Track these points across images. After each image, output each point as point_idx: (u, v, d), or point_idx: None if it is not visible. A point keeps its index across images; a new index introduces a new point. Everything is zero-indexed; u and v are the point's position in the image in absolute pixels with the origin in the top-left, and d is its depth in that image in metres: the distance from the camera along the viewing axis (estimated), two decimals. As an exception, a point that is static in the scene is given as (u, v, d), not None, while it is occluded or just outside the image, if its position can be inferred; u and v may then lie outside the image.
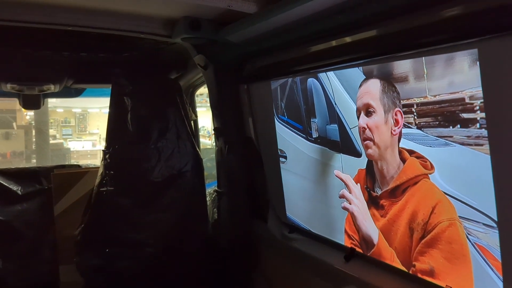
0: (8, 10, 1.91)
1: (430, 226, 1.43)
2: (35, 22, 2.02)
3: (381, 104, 1.53)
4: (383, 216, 1.65)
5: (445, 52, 1.24)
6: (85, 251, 2.43)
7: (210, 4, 1.79)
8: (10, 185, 2.96)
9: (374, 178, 1.65)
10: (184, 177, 2.48)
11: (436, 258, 1.43)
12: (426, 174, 1.41)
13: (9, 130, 11.07)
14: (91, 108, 15.07)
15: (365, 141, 1.63)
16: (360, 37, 1.52)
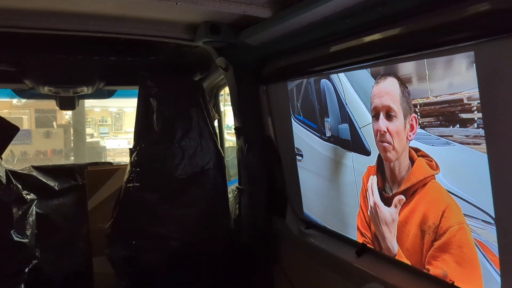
0: (45, 20, 2.08)
1: (442, 230, 1.46)
2: (69, 30, 2.19)
3: (401, 108, 1.54)
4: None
5: (444, 55, 1.29)
6: (115, 243, 2.56)
7: (227, 10, 1.90)
8: (48, 181, 3.18)
9: (384, 179, 1.70)
10: (207, 175, 2.59)
11: (448, 262, 1.45)
12: (433, 175, 1.46)
13: (49, 129, 11.61)
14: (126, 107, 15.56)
15: (384, 144, 1.65)
16: (367, 40, 1.58)
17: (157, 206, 2.50)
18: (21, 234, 2.29)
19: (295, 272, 2.39)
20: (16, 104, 10.65)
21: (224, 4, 1.84)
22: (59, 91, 3.07)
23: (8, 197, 2.25)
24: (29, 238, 2.34)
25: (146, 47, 2.76)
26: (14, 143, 2.47)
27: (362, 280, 1.82)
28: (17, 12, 2.00)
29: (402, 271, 1.67)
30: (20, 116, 10.77)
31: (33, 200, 2.46)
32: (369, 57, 1.60)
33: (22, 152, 10.24)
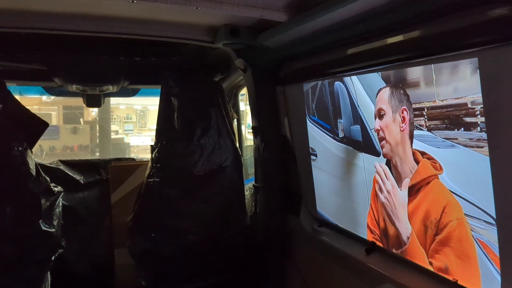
0: (74, 22, 2.22)
1: (442, 225, 1.52)
2: (97, 32, 2.32)
3: (389, 106, 1.64)
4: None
5: (449, 61, 1.34)
6: (136, 236, 2.67)
7: (244, 14, 1.98)
8: (74, 174, 3.34)
9: (392, 178, 1.76)
10: (224, 172, 2.68)
11: (448, 255, 1.51)
12: (436, 174, 1.51)
13: (76, 125, 11.97)
14: (150, 105, 15.84)
15: (381, 142, 1.74)
16: (377, 45, 1.63)
17: (176, 201, 2.60)
18: (48, 224, 2.42)
19: (308, 269, 2.45)
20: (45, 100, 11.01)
21: (242, 9, 1.93)
22: (86, 89, 3.23)
23: (37, 188, 2.38)
24: (55, 228, 2.47)
25: (169, 48, 2.87)
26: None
27: (371, 277, 1.87)
28: (49, 15, 2.13)
29: (409, 269, 1.72)
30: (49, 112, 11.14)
31: (60, 192, 2.59)
32: (380, 61, 1.65)
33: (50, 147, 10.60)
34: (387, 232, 1.85)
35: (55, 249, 2.47)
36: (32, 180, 2.35)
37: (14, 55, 2.82)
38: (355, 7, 1.55)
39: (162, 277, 2.68)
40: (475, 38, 1.23)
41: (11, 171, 2.28)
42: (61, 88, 3.33)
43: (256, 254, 2.72)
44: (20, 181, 2.30)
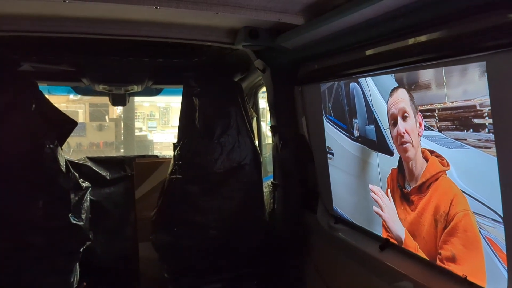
0: (102, 26, 2.34)
1: (450, 217, 1.58)
2: (123, 35, 2.44)
3: (411, 109, 1.68)
4: (413, 210, 1.80)
5: (459, 64, 1.38)
6: (159, 230, 2.78)
7: (263, 18, 2.06)
8: (100, 171, 3.49)
9: (404, 176, 1.81)
10: (243, 169, 2.76)
11: (456, 245, 1.57)
12: (443, 170, 1.56)
13: (102, 123, 12.28)
14: (173, 102, 16.05)
15: (404, 145, 1.77)
16: (390, 48, 1.68)
17: (197, 197, 2.70)
18: (77, 217, 2.56)
19: (324, 264, 2.51)
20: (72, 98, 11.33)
21: (261, 13, 2.01)
22: (112, 89, 3.37)
23: (67, 184, 2.52)
24: (84, 221, 2.60)
25: (191, 50, 2.97)
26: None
27: (385, 273, 1.93)
28: (78, 20, 2.26)
29: (420, 265, 1.77)
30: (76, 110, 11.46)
31: (88, 187, 2.73)
32: (392, 64, 1.70)
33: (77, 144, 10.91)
34: (396, 236, 1.91)
35: (84, 241, 2.61)
36: (62, 176, 2.49)
37: (45, 58, 2.98)
38: (368, 12, 1.61)
39: (184, 270, 2.79)
40: (483, 43, 1.27)
41: (43, 168, 2.42)
42: (88, 87, 3.48)
43: (274, 249, 2.79)
44: (51, 176, 2.44)
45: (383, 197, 2.00)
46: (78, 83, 3.40)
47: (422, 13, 1.44)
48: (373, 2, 1.51)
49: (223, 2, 1.92)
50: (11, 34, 2.28)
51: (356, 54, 1.94)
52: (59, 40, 2.63)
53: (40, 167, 2.42)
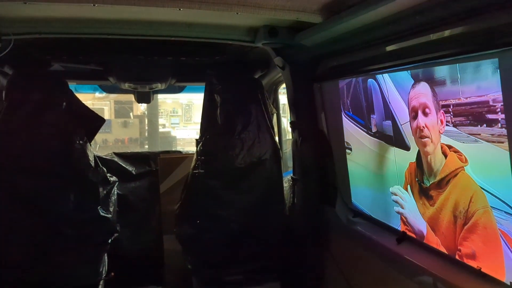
0: (127, 27, 2.45)
1: (470, 214, 1.60)
2: (147, 35, 2.54)
3: (433, 106, 1.70)
4: (432, 206, 1.83)
5: (472, 60, 1.41)
6: (182, 223, 2.87)
7: (282, 17, 2.12)
8: (126, 166, 3.62)
9: (422, 171, 1.84)
10: (264, 164, 2.83)
11: (476, 242, 1.59)
12: (462, 166, 1.59)
13: (127, 119, 12.56)
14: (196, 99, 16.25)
15: (423, 139, 1.80)
16: (406, 45, 1.72)
17: (219, 191, 2.78)
18: (105, 210, 2.68)
19: (343, 257, 2.57)
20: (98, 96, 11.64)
21: (279, 12, 2.07)
22: (137, 87, 3.49)
23: (96, 178, 2.63)
24: (112, 214, 2.72)
25: (212, 48, 3.05)
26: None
27: (402, 266, 1.97)
28: (105, 21, 2.37)
29: (437, 258, 1.80)
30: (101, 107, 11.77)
31: (115, 182, 2.85)
32: (409, 61, 1.73)
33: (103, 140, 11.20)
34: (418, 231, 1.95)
35: (111, 233, 2.72)
36: (91, 171, 2.61)
37: (75, 58, 3.12)
38: (384, 10, 1.65)
39: (207, 261, 2.88)
40: (497, 40, 1.30)
41: (73, 163, 2.54)
42: (114, 85, 3.62)
43: (294, 243, 2.86)
44: (81, 171, 2.57)
45: (402, 195, 2.03)
46: (104, 81, 3.53)
47: (437, 10, 1.48)
48: (389, 1, 1.55)
49: (243, 3, 1.99)
50: (43, 36, 2.41)
51: (374, 51, 1.98)
52: (88, 41, 2.75)
53: (70, 162, 2.54)
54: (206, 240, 2.83)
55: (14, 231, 2.44)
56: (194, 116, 16.64)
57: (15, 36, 2.21)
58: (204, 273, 2.89)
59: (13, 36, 2.18)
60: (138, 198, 3.57)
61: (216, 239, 2.82)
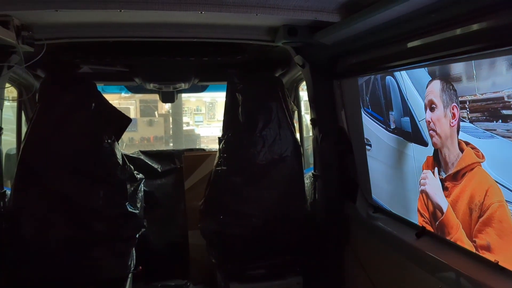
0: (152, 30, 2.54)
1: (485, 207, 1.63)
2: (170, 37, 2.63)
3: (441, 101, 1.74)
4: (447, 197, 1.85)
5: (488, 57, 1.43)
6: (206, 218, 2.96)
7: (300, 17, 2.17)
8: (152, 163, 3.74)
9: (439, 164, 1.87)
10: (285, 161, 2.88)
11: (491, 235, 1.62)
12: (479, 162, 1.61)
13: (152, 118, 12.79)
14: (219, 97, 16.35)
15: (430, 131, 1.86)
16: (423, 42, 1.75)
17: (241, 187, 2.85)
18: (133, 206, 2.79)
19: (364, 252, 2.60)
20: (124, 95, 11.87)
21: (298, 12, 2.12)
22: (162, 87, 3.61)
23: (124, 175, 2.75)
24: (139, 209, 2.83)
25: (234, 48, 3.12)
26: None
27: (421, 260, 2.00)
28: (131, 25, 2.47)
29: (455, 252, 1.82)
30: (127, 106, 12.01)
31: (142, 179, 2.96)
32: (427, 57, 1.76)
33: (130, 138, 11.44)
34: (436, 217, 1.96)
35: (139, 228, 2.83)
36: (120, 168, 2.73)
37: (102, 60, 3.25)
38: (401, 8, 1.67)
39: (230, 256, 2.96)
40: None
41: (103, 161, 2.66)
42: (139, 86, 3.74)
43: (316, 238, 2.90)
44: (110, 169, 2.68)
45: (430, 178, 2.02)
46: (130, 82, 3.66)
47: (451, 9, 1.50)
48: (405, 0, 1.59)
49: (262, 4, 2.05)
50: (73, 41, 2.53)
51: (392, 48, 2.00)
52: (114, 44, 2.87)
53: (99, 161, 2.66)
54: (230, 235, 2.90)
55: (48, 226, 2.57)
56: (217, 114, 16.73)
57: (47, 41, 2.32)
58: (228, 267, 2.97)
59: (45, 41, 2.29)
60: (164, 194, 3.69)
61: (239, 234, 2.89)
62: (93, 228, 2.65)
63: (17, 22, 2.11)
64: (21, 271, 2.55)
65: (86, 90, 2.70)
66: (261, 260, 2.94)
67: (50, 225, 2.57)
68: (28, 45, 2.23)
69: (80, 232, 2.62)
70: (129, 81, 3.62)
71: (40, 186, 2.56)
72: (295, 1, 2.05)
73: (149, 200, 3.25)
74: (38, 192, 2.56)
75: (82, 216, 2.63)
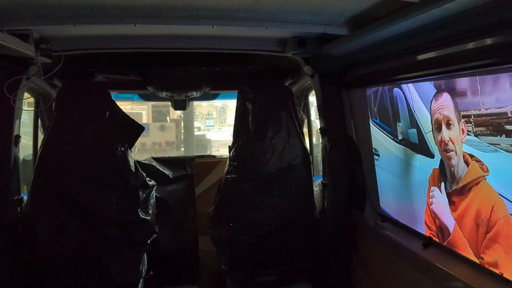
0: (165, 41, 2.62)
1: (492, 223, 1.64)
2: (183, 48, 2.70)
3: (455, 117, 1.75)
4: (454, 211, 1.88)
5: (492, 73, 1.47)
6: (217, 225, 3.00)
7: (309, 30, 2.22)
8: (164, 170, 3.81)
9: (445, 178, 1.89)
10: (294, 169, 2.92)
11: (498, 251, 1.63)
12: (484, 175, 1.63)
13: (164, 123, 12.93)
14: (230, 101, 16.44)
15: (449, 153, 1.86)
16: (429, 56, 1.79)
17: (251, 195, 2.89)
18: (145, 212, 2.85)
19: (371, 260, 2.63)
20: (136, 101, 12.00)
21: (307, 26, 2.17)
22: (174, 95, 3.69)
23: (136, 182, 2.81)
24: (151, 216, 2.88)
25: (244, 58, 3.18)
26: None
27: (428, 270, 2.02)
28: (145, 37, 2.55)
29: (462, 263, 1.85)
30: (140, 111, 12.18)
31: (154, 185, 3.02)
32: (431, 72, 1.80)
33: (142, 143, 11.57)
34: (443, 237, 1.99)
35: (151, 234, 2.88)
36: (132, 175, 2.79)
37: (116, 69, 3.33)
38: (407, 24, 1.72)
39: (240, 262, 3.00)
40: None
41: (116, 168, 2.73)
42: (152, 94, 3.82)
43: (324, 246, 2.93)
44: (123, 176, 2.75)
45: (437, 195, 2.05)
46: (144, 91, 3.74)
47: (456, 26, 1.54)
48: (411, 16, 1.63)
49: (272, 18, 2.10)
50: (89, 52, 2.62)
51: (400, 61, 2.04)
52: (128, 54, 2.95)
53: (113, 168, 2.73)
54: (240, 242, 2.94)
55: (62, 230, 2.64)
56: (228, 118, 16.82)
57: (64, 52, 2.40)
58: (237, 274, 3.01)
59: (62, 53, 2.38)
60: (175, 200, 3.75)
61: (249, 241, 2.92)
62: (106, 234, 2.71)
63: (36, 36, 2.19)
64: (36, 274, 2.62)
65: (101, 99, 2.77)
66: (270, 267, 2.98)
67: (65, 230, 2.64)
68: (46, 57, 2.32)
69: (93, 237, 2.69)
70: (142, 89, 3.71)
71: (56, 192, 2.63)
72: (304, 15, 2.10)
73: (160, 206, 3.30)
74: (54, 198, 2.63)
75: (96, 221, 2.69)
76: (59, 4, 1.91)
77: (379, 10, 1.87)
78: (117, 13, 2.01)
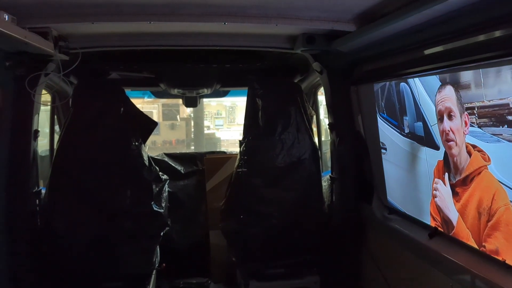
0: (176, 39, 2.70)
1: (493, 211, 1.69)
2: (194, 45, 2.78)
3: (458, 109, 1.81)
4: (458, 202, 1.93)
5: (497, 66, 1.52)
6: (227, 218, 3.08)
7: (318, 27, 2.28)
8: (176, 165, 3.90)
9: (449, 169, 1.94)
10: (303, 164, 2.98)
11: (499, 238, 1.68)
12: (485, 165, 1.69)
13: (174, 122, 13.04)
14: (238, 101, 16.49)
15: (449, 142, 1.92)
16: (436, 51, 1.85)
17: (261, 189, 2.96)
18: (158, 205, 2.92)
19: (379, 252, 2.68)
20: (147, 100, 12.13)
21: (315, 22, 2.24)
22: (185, 92, 3.77)
23: (150, 176, 2.89)
24: (164, 209, 2.96)
25: (254, 55, 3.25)
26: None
27: (433, 260, 2.07)
28: (158, 35, 2.63)
29: (466, 252, 1.90)
30: (150, 110, 12.28)
31: (166, 180, 3.10)
32: (437, 66, 1.85)
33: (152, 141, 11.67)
34: (448, 228, 2.04)
35: (163, 226, 2.96)
36: (146, 170, 2.87)
37: (130, 67, 3.42)
38: (413, 20, 1.78)
39: (250, 255, 3.07)
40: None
41: (130, 162, 2.81)
42: (164, 91, 3.90)
43: (332, 238, 2.99)
44: (137, 170, 2.83)
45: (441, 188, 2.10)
46: (156, 88, 3.83)
47: (459, 21, 1.60)
48: (417, 12, 1.68)
49: (282, 15, 2.17)
50: (104, 49, 2.70)
51: (407, 56, 2.10)
52: (142, 52, 3.03)
53: (128, 162, 2.81)
54: (249, 235, 3.01)
55: (79, 223, 2.73)
56: (237, 118, 16.88)
57: (81, 50, 2.50)
58: (247, 266, 3.08)
59: (80, 50, 2.47)
60: (187, 195, 3.84)
61: (259, 234, 2.99)
62: (120, 226, 2.78)
63: (55, 33, 2.28)
64: (53, 264, 2.71)
65: (116, 96, 2.86)
66: (279, 259, 3.04)
67: (81, 222, 2.73)
68: (64, 54, 2.41)
69: (108, 229, 2.77)
70: (154, 86, 3.80)
71: (72, 186, 2.72)
72: (313, 12, 2.17)
73: (172, 200, 3.36)
74: (70, 191, 2.72)
75: (111, 214, 2.77)
76: (77, 2, 2.00)
77: (386, 6, 1.93)
78: (133, 11, 2.09)
